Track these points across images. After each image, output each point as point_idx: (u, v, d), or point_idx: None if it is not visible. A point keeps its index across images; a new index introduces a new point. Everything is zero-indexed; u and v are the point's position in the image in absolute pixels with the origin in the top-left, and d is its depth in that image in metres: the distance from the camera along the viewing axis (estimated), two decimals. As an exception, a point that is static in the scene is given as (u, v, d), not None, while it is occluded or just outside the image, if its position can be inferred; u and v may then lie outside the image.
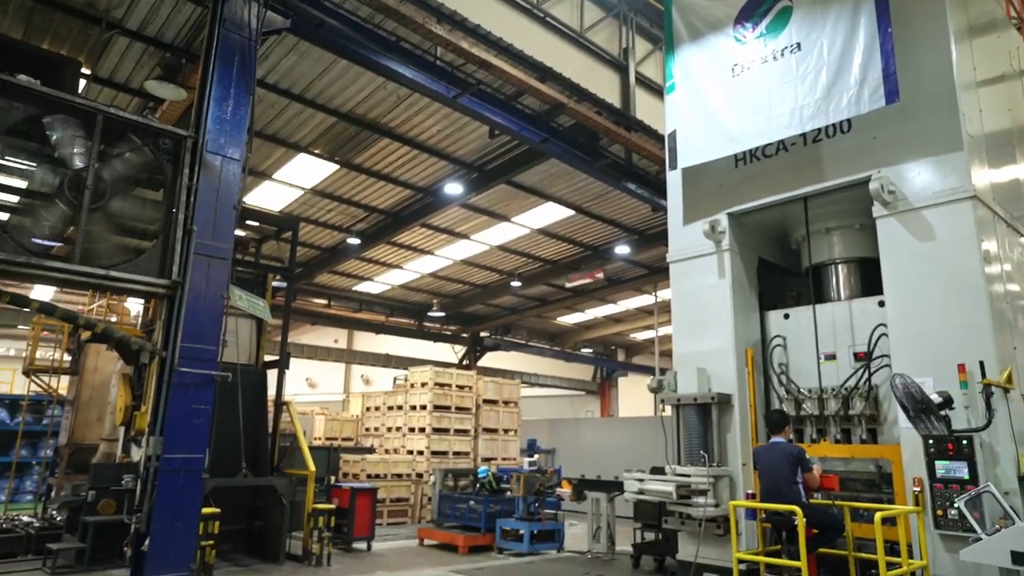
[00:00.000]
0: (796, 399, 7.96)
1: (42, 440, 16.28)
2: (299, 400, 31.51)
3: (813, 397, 7.78)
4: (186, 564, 5.99)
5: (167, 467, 5.97)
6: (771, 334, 8.53)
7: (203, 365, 6.26)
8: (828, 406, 7.63)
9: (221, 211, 6.61)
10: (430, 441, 15.67)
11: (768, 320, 8.64)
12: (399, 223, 15.48)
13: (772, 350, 8.41)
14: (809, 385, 7.91)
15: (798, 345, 8.24)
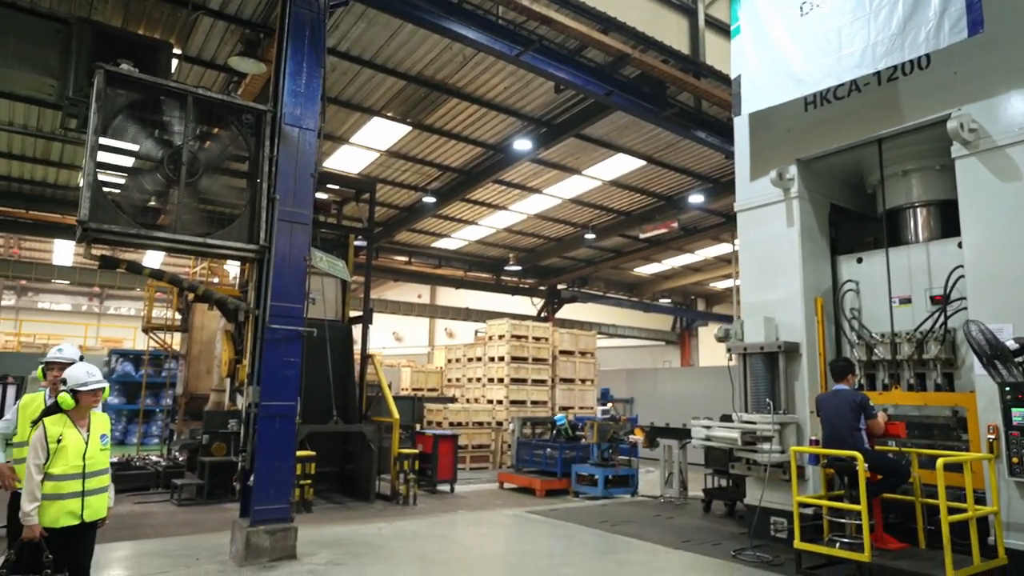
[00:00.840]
0: (867, 344, 7.85)
1: (163, 390, 18.07)
2: (386, 353, 33.15)
3: (885, 342, 7.66)
4: (285, 497, 6.73)
5: (265, 413, 6.68)
6: (842, 279, 8.38)
7: (290, 322, 6.87)
8: (901, 350, 7.51)
9: (300, 179, 7.12)
10: (508, 391, 16.28)
11: (840, 265, 8.48)
12: (472, 180, 15.81)
13: (843, 295, 8.28)
14: (881, 330, 7.78)
15: (871, 290, 8.08)
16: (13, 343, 25.52)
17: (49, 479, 4.15)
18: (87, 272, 19.89)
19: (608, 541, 8.07)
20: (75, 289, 37.61)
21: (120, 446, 17.46)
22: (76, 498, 4.23)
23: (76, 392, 4.31)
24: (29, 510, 4.07)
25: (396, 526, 8.68)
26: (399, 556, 7.06)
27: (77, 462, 4.25)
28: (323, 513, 9.57)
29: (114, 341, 27.93)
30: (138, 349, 19.75)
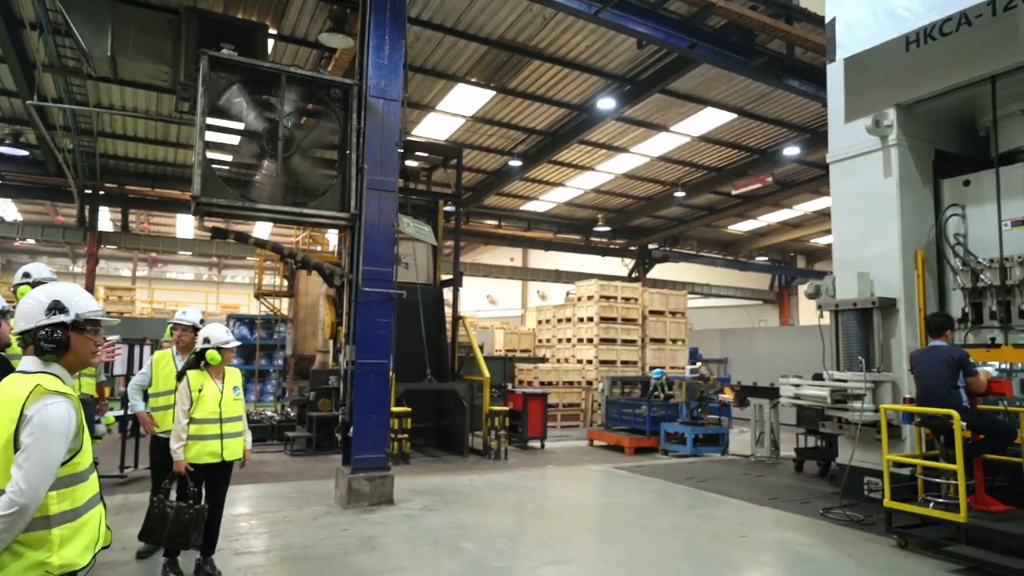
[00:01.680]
0: (973, 270, 7.40)
1: (275, 352, 19.50)
2: (480, 316, 34.00)
3: (994, 267, 7.19)
4: (381, 448, 7.26)
5: (360, 370, 7.19)
6: (946, 203, 7.87)
7: (381, 285, 7.30)
8: (1012, 275, 7.03)
9: (386, 149, 7.47)
10: (598, 351, 16.42)
11: (943, 190, 7.97)
12: (557, 142, 15.80)
13: (947, 221, 7.80)
14: (990, 255, 7.29)
15: (978, 213, 7.56)
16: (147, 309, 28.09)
17: (192, 423, 4.78)
18: (205, 243, 21.55)
19: (693, 496, 8.16)
20: (197, 260, 40.68)
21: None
22: (215, 440, 4.84)
23: (220, 349, 4.88)
24: (176, 447, 4.71)
25: (487, 478, 9.13)
26: (488, 504, 7.47)
27: (214, 409, 4.85)
28: (419, 465, 10.17)
29: (231, 307, 30.21)
30: (252, 314, 21.34)
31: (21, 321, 2.38)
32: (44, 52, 11.04)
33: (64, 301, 2.43)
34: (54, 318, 2.39)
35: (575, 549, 5.87)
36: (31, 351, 2.38)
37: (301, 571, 5.12)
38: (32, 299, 2.40)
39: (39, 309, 2.38)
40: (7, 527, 2.10)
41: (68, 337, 2.41)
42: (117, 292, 22.81)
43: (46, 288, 2.47)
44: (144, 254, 37.65)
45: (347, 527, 6.32)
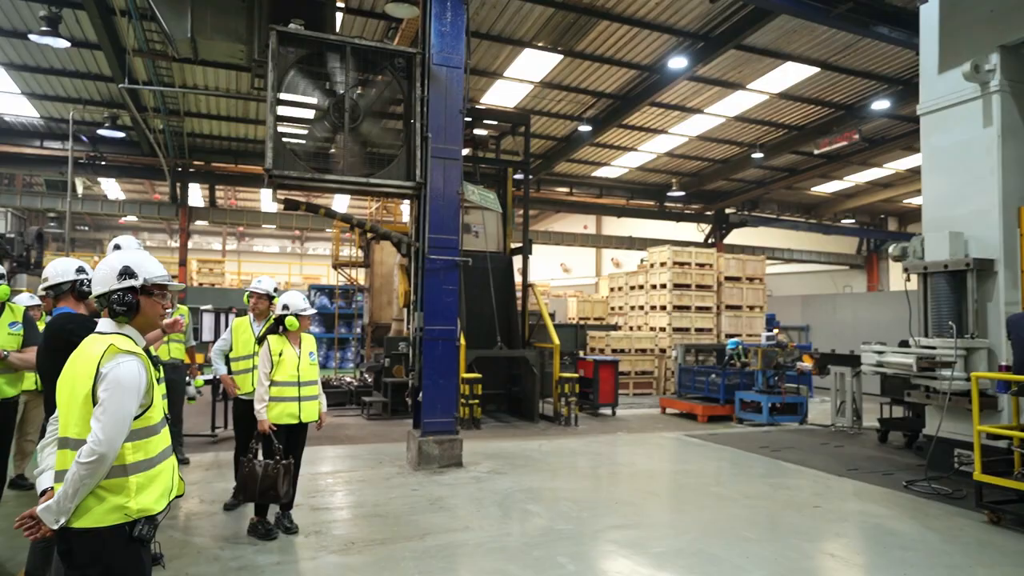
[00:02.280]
0: None
1: (353, 320, 20.21)
2: (553, 284, 33.98)
3: None
4: (450, 412, 7.42)
5: (428, 336, 7.34)
6: None
7: (447, 252, 7.39)
8: None
9: (450, 117, 7.48)
10: (671, 318, 16.12)
11: None
12: (628, 105, 15.41)
13: None
14: None
15: None
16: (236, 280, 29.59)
17: (273, 385, 5.03)
18: (287, 217, 22.41)
19: (766, 465, 7.96)
20: (281, 233, 42.44)
21: (322, 369, 19.93)
22: (294, 402, 5.09)
23: (298, 315, 5.10)
24: (260, 408, 4.99)
25: (556, 443, 9.21)
26: (555, 468, 7.54)
27: (293, 373, 5.09)
28: (490, 430, 10.36)
29: (313, 278, 31.35)
30: (332, 284, 22.13)
31: (97, 286, 2.55)
32: (134, 37, 11.63)
33: (133, 267, 2.58)
34: (125, 283, 2.54)
35: (641, 514, 5.85)
36: (106, 313, 2.55)
37: (372, 527, 5.34)
38: (105, 265, 2.57)
39: (111, 275, 2.54)
40: (89, 473, 2.28)
41: (138, 300, 2.57)
42: (208, 264, 24.16)
43: (118, 254, 2.63)
44: (232, 228, 39.61)
45: (417, 488, 6.54)
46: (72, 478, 2.29)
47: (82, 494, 2.31)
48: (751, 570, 4.53)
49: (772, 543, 5.10)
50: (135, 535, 2.41)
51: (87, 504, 2.34)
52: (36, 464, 2.66)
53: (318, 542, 4.92)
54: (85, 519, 2.34)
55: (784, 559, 4.76)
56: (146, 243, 40.03)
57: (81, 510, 2.34)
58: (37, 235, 13.77)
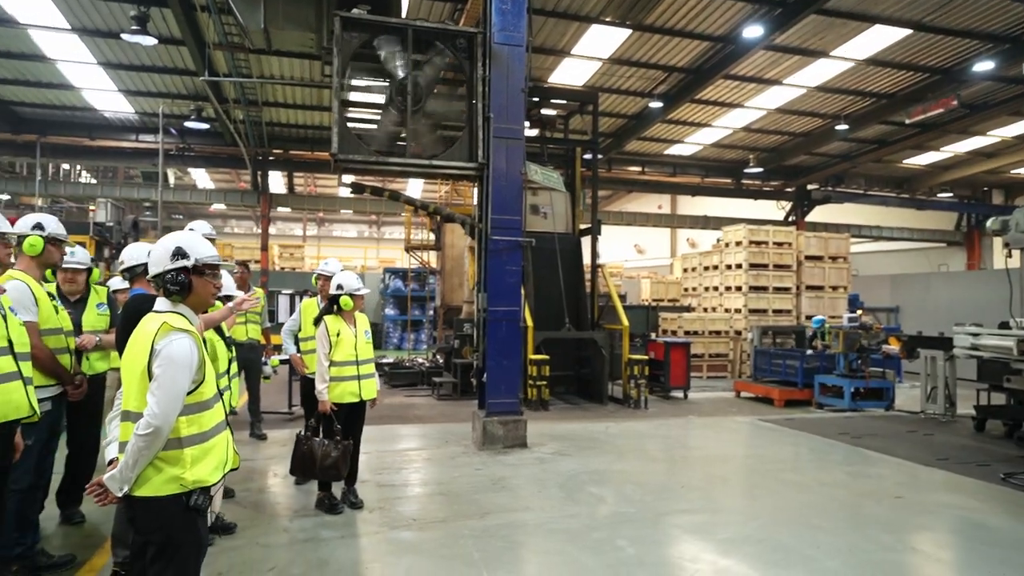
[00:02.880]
0: None
1: (425, 302, 20.58)
2: (627, 265, 33.46)
3: None
4: (514, 393, 7.43)
5: (492, 317, 7.35)
6: None
7: (510, 232, 7.35)
8: None
9: (511, 96, 7.40)
10: (747, 299, 15.56)
11: None
12: (701, 79, 14.84)
13: None
14: None
15: None
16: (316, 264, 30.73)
17: (333, 365, 5.15)
18: (361, 202, 22.96)
19: (845, 452, 7.58)
20: (358, 218, 43.63)
21: (397, 350, 20.42)
22: (353, 380, 5.20)
23: (352, 295, 5.20)
24: (321, 388, 5.12)
25: (624, 426, 9.08)
26: (622, 451, 7.44)
27: (351, 352, 5.20)
28: (558, 412, 10.33)
29: (388, 261, 32.10)
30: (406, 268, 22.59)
31: (152, 266, 2.65)
32: (214, 32, 12.11)
33: (186, 248, 2.67)
34: (177, 263, 2.64)
35: (708, 499, 5.69)
36: (162, 293, 2.65)
37: (434, 505, 5.43)
38: (160, 247, 2.66)
39: (165, 255, 2.63)
40: (146, 444, 2.40)
41: (190, 280, 2.66)
42: (289, 249, 25.12)
43: (172, 236, 2.72)
44: (312, 214, 41.04)
45: (480, 467, 6.59)
46: (131, 449, 2.40)
47: (141, 464, 2.43)
48: (822, 560, 4.32)
49: (847, 533, 4.85)
50: (191, 505, 2.51)
51: (147, 474, 2.46)
52: (106, 435, 2.82)
53: (381, 518, 5.04)
54: (145, 488, 2.46)
55: (859, 551, 4.51)
56: (233, 230, 42.15)
57: (142, 480, 2.45)
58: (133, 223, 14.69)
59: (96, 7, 12.15)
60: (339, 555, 4.28)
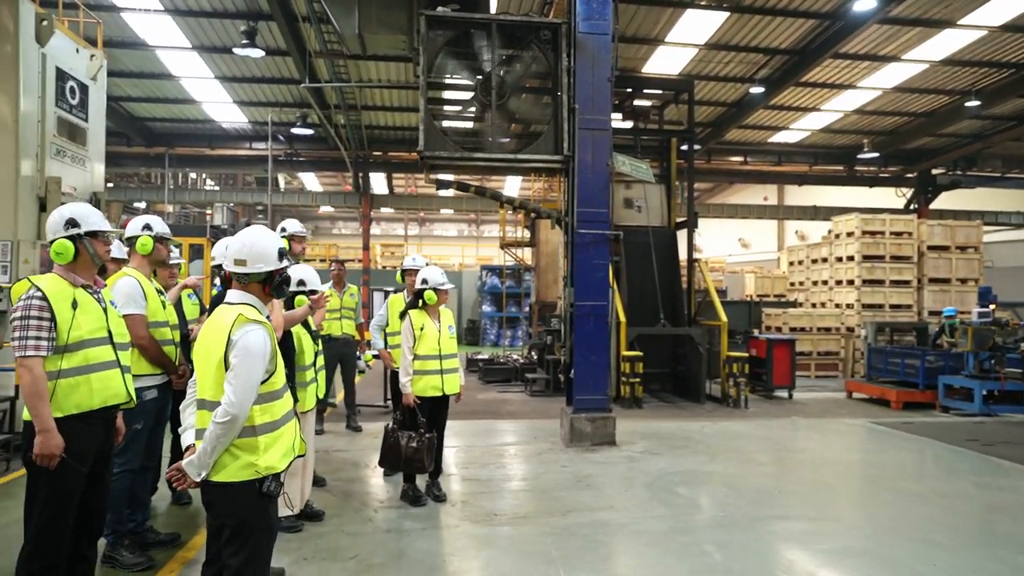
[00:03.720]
0: None
1: (521, 299, 20.66)
2: (730, 260, 32.20)
3: None
4: (602, 389, 7.27)
5: (579, 312, 7.22)
6: None
7: (597, 226, 7.19)
8: None
9: (597, 86, 7.23)
10: (860, 293, 14.52)
11: None
12: (806, 60, 13.97)
13: None
14: None
15: None
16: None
17: (416, 359, 5.21)
18: (457, 200, 23.39)
19: (972, 461, 6.87)
20: (457, 217, 44.56)
21: (494, 347, 20.62)
22: (436, 375, 5.23)
23: (436, 289, 5.24)
24: (404, 382, 5.20)
25: (720, 425, 8.69)
26: (716, 451, 7.10)
27: (434, 346, 5.23)
28: (652, 410, 10.04)
29: (486, 259, 32.54)
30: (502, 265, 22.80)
31: (259, 263, 2.74)
32: (315, 40, 12.69)
33: (285, 250, 2.78)
34: (283, 263, 2.76)
35: (808, 506, 5.31)
36: (252, 288, 2.74)
37: (516, 501, 5.39)
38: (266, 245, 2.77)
39: (274, 255, 2.76)
40: (224, 432, 2.49)
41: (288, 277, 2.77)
42: (390, 248, 26.02)
43: (270, 234, 2.84)
44: (414, 214, 42.27)
45: (566, 464, 6.49)
46: (209, 436, 2.50)
47: (218, 451, 2.53)
48: (937, 579, 3.91)
49: (971, 551, 4.37)
50: (263, 491, 2.59)
51: (223, 461, 2.55)
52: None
53: (462, 511, 5.05)
54: (222, 474, 2.55)
55: (984, 571, 4.05)
56: (340, 231, 44.12)
57: (218, 466, 2.55)
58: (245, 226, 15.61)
59: (212, 25, 13.04)
60: (418, 546, 4.33)
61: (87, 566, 3.29)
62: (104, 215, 3.37)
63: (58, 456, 2.92)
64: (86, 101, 10.05)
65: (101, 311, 3.18)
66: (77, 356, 3.03)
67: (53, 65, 9.21)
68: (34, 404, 2.91)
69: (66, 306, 3.02)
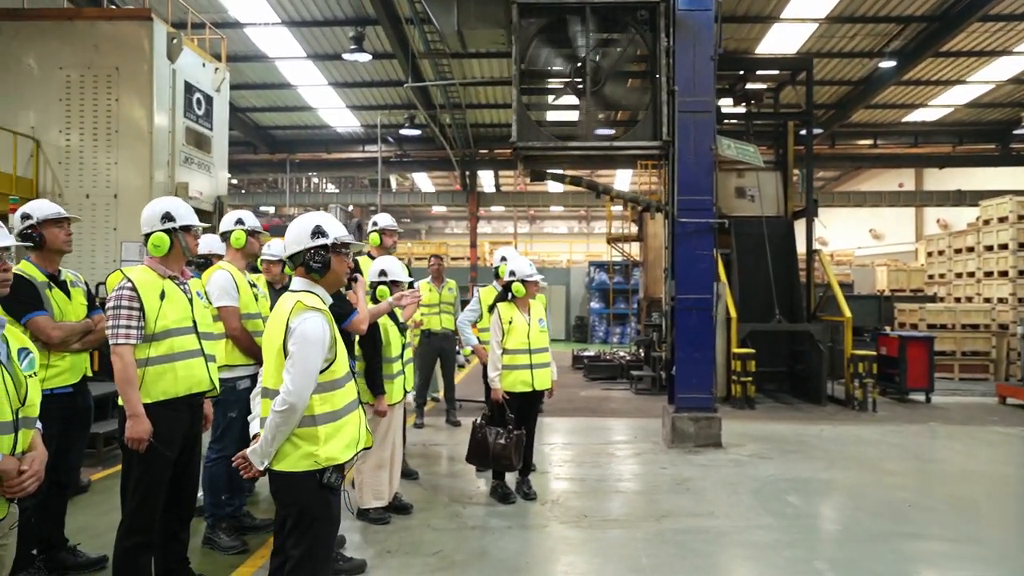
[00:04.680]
0: None
1: (629, 295, 20.14)
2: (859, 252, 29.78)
3: None
4: (706, 388, 6.82)
5: (681, 306, 6.82)
6: None
7: (700, 214, 6.75)
8: None
9: (699, 66, 6.79)
10: (1015, 287, 12.88)
11: None
12: (947, 27, 12.58)
13: None
14: None
15: None
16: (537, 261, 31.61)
17: (505, 353, 5.08)
18: (563, 196, 23.20)
19: None
20: (568, 214, 44.31)
21: (603, 344, 20.24)
22: (526, 370, 5.09)
23: (524, 282, 5.10)
24: (492, 376, 5.10)
25: (841, 430, 7.97)
26: (834, 457, 6.48)
27: (523, 340, 5.09)
28: (766, 411, 9.39)
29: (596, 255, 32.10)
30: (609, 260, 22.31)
31: (291, 245, 2.71)
32: (419, 41, 12.96)
33: (324, 227, 2.71)
34: (317, 241, 2.68)
35: (944, 524, 4.68)
36: (300, 272, 2.71)
37: (609, 502, 5.14)
38: (298, 226, 2.73)
39: (305, 235, 2.69)
40: (283, 421, 2.46)
41: (330, 258, 2.69)
42: (497, 245, 26.20)
43: (308, 215, 2.79)
44: (524, 212, 42.48)
45: (666, 466, 6.14)
46: (269, 425, 2.48)
47: (279, 440, 2.50)
48: (1106, 620, 3.28)
49: None
50: (324, 482, 2.54)
51: (284, 450, 2.53)
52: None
53: (551, 511, 4.87)
54: (284, 463, 2.53)
55: None
56: (453, 230, 45.13)
57: (280, 455, 2.53)
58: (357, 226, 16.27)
59: (323, 33, 13.65)
60: (502, 545, 4.20)
61: (180, 546, 3.42)
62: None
63: (146, 440, 3.04)
64: (211, 111, 10.79)
65: (187, 302, 3.28)
66: (163, 345, 3.14)
67: (182, 79, 9.95)
68: (124, 390, 3.05)
69: (154, 296, 3.13)
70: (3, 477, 2.12)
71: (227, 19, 12.96)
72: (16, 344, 2.27)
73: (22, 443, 2.21)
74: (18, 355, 2.26)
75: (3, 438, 2.13)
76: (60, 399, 3.55)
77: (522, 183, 31.84)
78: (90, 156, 9.35)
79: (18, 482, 2.14)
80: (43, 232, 3.60)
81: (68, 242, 3.73)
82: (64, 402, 3.57)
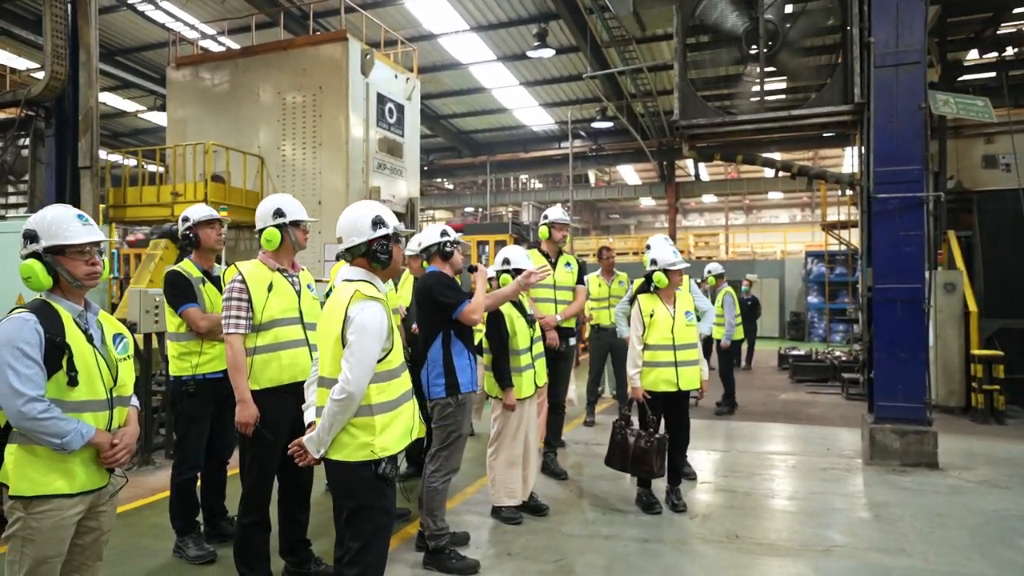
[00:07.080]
0: None
1: (850, 288, 17.76)
2: None
3: None
4: (917, 396, 5.61)
5: (880, 297, 5.70)
6: None
7: (905, 188, 5.57)
8: None
9: (904, 7, 5.63)
10: None
11: None
12: None
13: None
14: None
15: None
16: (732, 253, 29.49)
17: (647, 349, 4.65)
18: (775, 182, 21.23)
19: None
20: (788, 201, 40.64)
21: (822, 343, 18.11)
22: (669, 367, 4.61)
23: (667, 271, 4.64)
24: (632, 374, 4.69)
25: None
26: (1105, 495, 4.98)
27: (666, 334, 4.62)
28: (1019, 428, 7.61)
29: (818, 244, 28.97)
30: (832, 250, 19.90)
31: (351, 236, 2.64)
32: (600, 29, 12.65)
33: (383, 216, 2.62)
34: (380, 231, 2.59)
35: None
36: (358, 262, 2.63)
37: (770, 523, 4.44)
38: (356, 217, 2.64)
39: (366, 225, 2.61)
40: (341, 410, 2.41)
41: (391, 248, 2.60)
42: (703, 238, 24.83)
43: (359, 206, 2.70)
44: (738, 201, 39.79)
45: (855, 486, 5.18)
46: (327, 413, 2.44)
47: (336, 429, 2.46)
48: None
49: None
50: (379, 472, 2.47)
51: (341, 439, 2.48)
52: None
53: (697, 527, 4.33)
54: (340, 453, 2.48)
55: None
56: (664, 224, 43.80)
57: (337, 444, 2.48)
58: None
59: (509, 33, 13.95)
60: (631, 561, 3.79)
61: (299, 528, 3.57)
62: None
63: (252, 424, 3.21)
64: (402, 119, 11.54)
65: (294, 294, 3.40)
66: (269, 334, 3.29)
67: (375, 91, 10.78)
68: (234, 376, 3.24)
69: (262, 288, 3.29)
70: (98, 450, 2.30)
71: (422, 32, 13.79)
72: (112, 329, 2.47)
73: (117, 419, 2.39)
74: (113, 340, 2.45)
75: (99, 415, 2.32)
76: (212, 383, 3.89)
77: (734, 171, 29.85)
78: (300, 167, 10.51)
79: (111, 454, 2.31)
80: (198, 232, 4.00)
81: (220, 241, 4.10)
82: (215, 385, 3.89)
